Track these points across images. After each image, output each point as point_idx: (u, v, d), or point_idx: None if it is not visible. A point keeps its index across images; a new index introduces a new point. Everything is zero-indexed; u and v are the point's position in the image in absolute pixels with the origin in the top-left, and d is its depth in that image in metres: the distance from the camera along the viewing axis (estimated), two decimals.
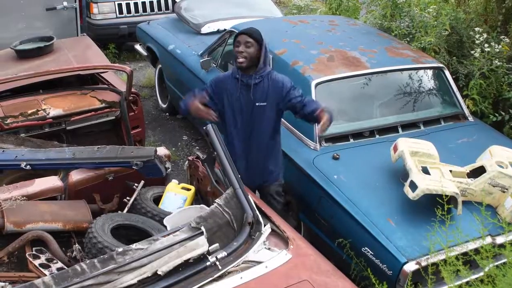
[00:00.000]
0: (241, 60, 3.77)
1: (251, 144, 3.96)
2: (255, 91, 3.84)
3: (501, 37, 5.42)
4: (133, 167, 3.65)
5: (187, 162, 4.09)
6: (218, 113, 3.96)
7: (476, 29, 5.46)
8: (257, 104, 3.86)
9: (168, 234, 2.91)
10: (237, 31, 5.49)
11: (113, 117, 4.89)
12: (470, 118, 4.88)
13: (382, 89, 4.86)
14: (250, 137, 3.95)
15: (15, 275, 2.97)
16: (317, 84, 4.46)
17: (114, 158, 3.69)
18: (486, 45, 5.29)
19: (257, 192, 4.14)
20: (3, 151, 3.91)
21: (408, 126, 4.63)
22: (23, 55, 5.57)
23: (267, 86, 3.86)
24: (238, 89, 3.86)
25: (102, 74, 5.28)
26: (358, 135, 4.46)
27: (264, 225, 3.12)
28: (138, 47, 7.67)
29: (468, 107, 5.07)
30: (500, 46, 5.28)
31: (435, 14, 5.85)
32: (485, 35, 5.36)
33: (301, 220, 4.34)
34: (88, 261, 2.64)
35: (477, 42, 5.35)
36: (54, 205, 3.43)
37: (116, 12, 8.83)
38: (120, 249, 2.71)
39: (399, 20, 6.26)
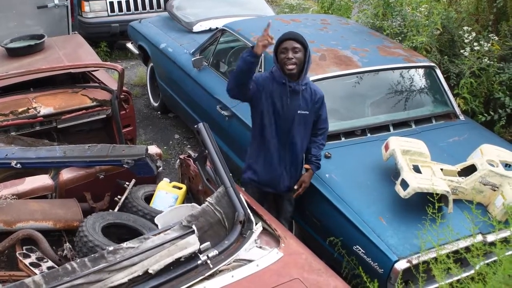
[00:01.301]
0: (291, 66, 3.64)
1: (290, 150, 3.87)
2: (302, 98, 3.76)
3: (490, 35, 5.44)
4: (124, 165, 3.64)
5: (178, 160, 4.08)
6: (252, 109, 3.86)
7: (465, 28, 5.48)
8: (299, 112, 3.77)
9: (159, 233, 2.89)
10: (229, 30, 5.52)
11: (104, 116, 4.87)
12: (461, 117, 4.90)
13: (374, 88, 4.87)
14: (290, 143, 3.85)
15: (5, 274, 2.96)
16: None
17: (105, 156, 3.68)
18: (475, 44, 5.31)
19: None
20: None
21: (400, 125, 4.64)
22: (13, 53, 5.54)
23: (309, 94, 3.80)
24: (287, 94, 3.73)
25: (93, 73, 5.26)
26: (349, 133, 4.47)
27: (256, 224, 3.12)
28: (129, 45, 7.65)
29: (459, 106, 5.09)
30: (489, 45, 5.30)
31: (426, 13, 5.87)
32: (474, 34, 5.38)
33: (293, 218, 4.33)
34: (78, 260, 2.62)
35: (466, 41, 5.37)
36: (44, 203, 3.41)
37: (107, 10, 8.81)
38: (111, 248, 2.70)
39: (391, 19, 6.28)
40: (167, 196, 3.73)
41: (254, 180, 3.95)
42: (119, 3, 8.86)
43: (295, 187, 3.93)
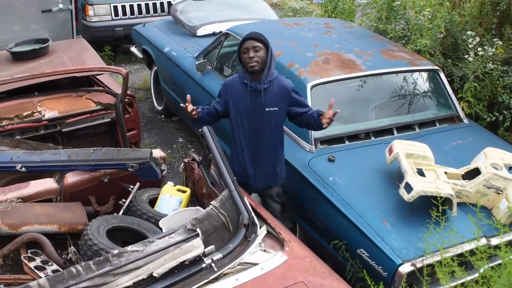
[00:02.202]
0: (253, 64, 3.73)
1: (261, 148, 3.95)
2: (265, 96, 3.83)
3: (494, 40, 5.43)
4: (128, 169, 3.65)
5: (182, 164, 4.09)
6: (229, 118, 3.99)
7: (469, 32, 5.48)
8: (267, 109, 3.84)
9: (164, 236, 2.90)
10: (233, 34, 5.54)
11: (109, 119, 4.89)
12: (465, 120, 4.89)
13: (378, 92, 4.87)
14: (260, 141, 3.93)
15: (10, 277, 2.97)
16: (312, 87, 4.47)
17: (110, 160, 3.69)
18: (479, 48, 5.31)
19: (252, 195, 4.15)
20: None
21: (403, 128, 4.64)
22: (18, 57, 5.56)
23: (276, 90, 3.85)
24: (248, 94, 3.84)
25: (97, 76, 5.28)
26: (353, 137, 4.47)
27: (260, 227, 3.12)
28: (133, 49, 7.67)
29: (463, 109, 5.09)
30: (494, 49, 5.29)
31: (430, 16, 5.88)
32: (478, 39, 5.38)
33: (297, 222, 4.34)
34: (83, 263, 2.63)
35: (470, 46, 5.37)
36: (49, 207, 3.43)
37: (111, 14, 8.84)
38: (116, 251, 2.71)
39: (395, 22, 6.28)
40: (171, 200, 3.74)
41: None
42: (123, 7, 8.89)
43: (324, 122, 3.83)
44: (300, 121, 3.97)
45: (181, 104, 3.98)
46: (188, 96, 3.91)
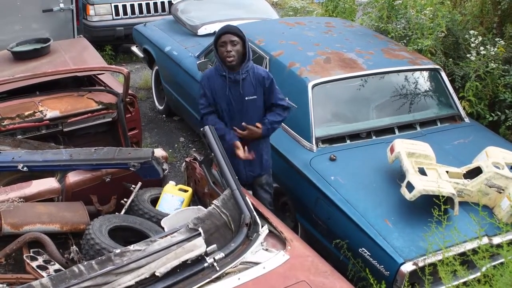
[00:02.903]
0: (231, 59, 3.82)
1: (245, 140, 3.98)
2: (243, 86, 3.91)
3: (496, 39, 5.43)
4: (130, 168, 3.65)
5: (184, 163, 4.09)
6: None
7: (471, 32, 5.48)
8: (246, 98, 3.93)
9: (166, 236, 2.91)
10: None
11: (110, 119, 4.89)
12: (466, 119, 4.89)
13: (379, 91, 4.87)
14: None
15: (12, 277, 2.97)
16: (314, 86, 4.47)
17: (111, 159, 3.69)
18: (481, 47, 5.31)
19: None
20: (0, 153, 3.91)
21: (405, 127, 4.64)
22: (19, 57, 5.56)
23: (253, 79, 3.93)
24: (227, 86, 3.90)
25: (99, 76, 5.28)
26: (355, 136, 4.47)
27: (262, 226, 3.12)
28: (134, 48, 7.67)
29: (464, 108, 5.09)
30: (495, 49, 5.29)
31: (431, 16, 5.87)
32: (480, 38, 5.38)
33: (298, 221, 4.34)
34: (85, 263, 2.64)
35: (472, 45, 5.37)
36: (51, 206, 3.43)
37: (112, 14, 8.83)
38: (118, 251, 2.72)
39: (396, 22, 6.28)
40: (173, 199, 3.74)
41: None
42: (124, 7, 8.88)
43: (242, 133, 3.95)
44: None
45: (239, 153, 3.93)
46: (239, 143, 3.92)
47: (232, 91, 3.92)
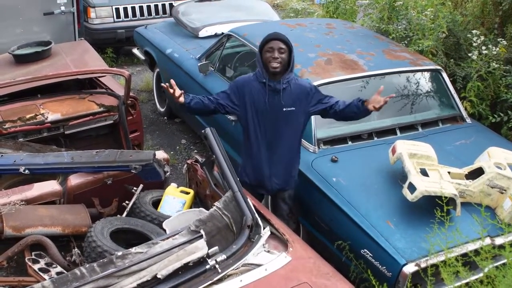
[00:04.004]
0: (276, 65, 3.72)
1: (277, 149, 3.92)
2: (283, 96, 3.81)
3: (498, 39, 5.43)
4: (132, 171, 3.65)
5: (185, 165, 4.09)
6: (238, 117, 3.97)
7: (474, 31, 5.47)
8: (284, 109, 3.82)
9: (168, 238, 2.90)
10: (235, 35, 5.54)
11: (112, 121, 4.89)
12: (468, 120, 4.89)
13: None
14: (276, 142, 3.90)
15: (14, 279, 2.98)
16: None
17: (113, 162, 3.69)
18: (483, 47, 5.30)
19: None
20: (2, 155, 3.92)
21: (406, 128, 4.64)
22: (21, 60, 5.56)
23: (294, 91, 3.83)
24: (266, 94, 3.81)
25: (100, 78, 5.28)
26: (356, 137, 4.47)
27: (264, 228, 3.12)
28: (135, 51, 7.68)
29: (466, 109, 5.08)
30: (497, 49, 5.29)
31: (432, 16, 5.87)
32: (482, 38, 5.37)
33: (300, 222, 4.33)
34: (87, 265, 2.64)
35: (474, 44, 5.37)
36: (53, 209, 3.43)
37: (113, 17, 8.84)
38: (120, 253, 2.71)
39: (397, 23, 6.28)
40: (174, 201, 3.74)
41: (246, 182, 3.98)
42: (125, 9, 8.89)
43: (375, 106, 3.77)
44: (335, 115, 3.92)
45: (162, 84, 3.87)
46: (173, 81, 3.79)
47: (270, 100, 3.81)
